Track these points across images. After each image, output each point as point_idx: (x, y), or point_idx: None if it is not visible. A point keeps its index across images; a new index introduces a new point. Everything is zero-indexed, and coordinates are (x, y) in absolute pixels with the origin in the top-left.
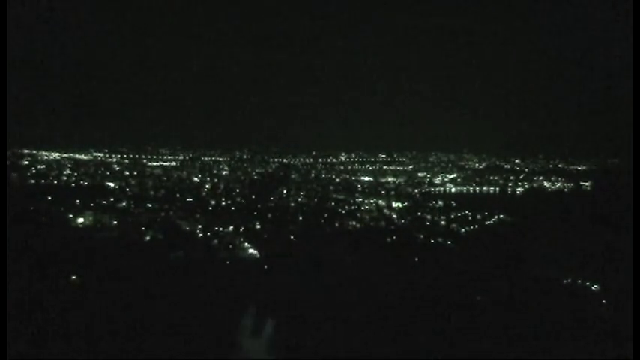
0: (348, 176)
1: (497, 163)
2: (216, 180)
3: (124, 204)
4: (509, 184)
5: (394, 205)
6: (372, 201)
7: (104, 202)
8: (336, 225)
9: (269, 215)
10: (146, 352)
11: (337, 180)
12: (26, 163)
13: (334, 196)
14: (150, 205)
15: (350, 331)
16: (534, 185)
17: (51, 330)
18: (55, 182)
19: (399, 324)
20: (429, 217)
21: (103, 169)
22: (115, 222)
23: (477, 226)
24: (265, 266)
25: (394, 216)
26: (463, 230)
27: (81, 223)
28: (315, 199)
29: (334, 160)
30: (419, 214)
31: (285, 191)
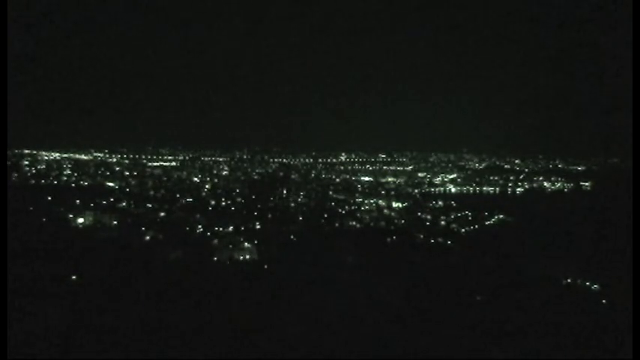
0: (348, 176)
1: (497, 163)
2: (216, 180)
3: (124, 204)
4: (509, 184)
5: (394, 205)
6: (372, 201)
7: (104, 202)
8: (336, 225)
9: (269, 215)
10: (146, 351)
11: (337, 180)
12: (26, 163)
13: (334, 196)
14: (150, 205)
15: (350, 330)
16: (534, 185)
17: (51, 330)
18: (55, 182)
19: (399, 324)
20: (429, 217)
21: (103, 169)
22: (115, 222)
23: (476, 226)
24: (265, 266)
25: (394, 216)
26: (463, 230)
27: (81, 223)
28: (315, 199)
29: (334, 160)
30: (419, 214)
31: (285, 191)
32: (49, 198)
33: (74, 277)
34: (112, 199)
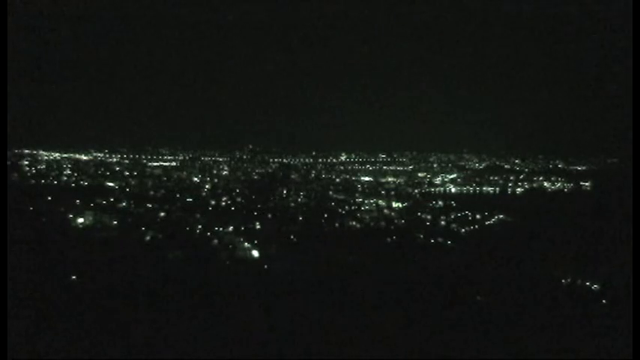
0: (348, 176)
1: (497, 163)
2: (216, 180)
3: (124, 204)
4: (509, 184)
5: (394, 205)
6: (372, 201)
7: (104, 202)
8: (336, 225)
9: (269, 215)
10: (146, 351)
11: (337, 180)
12: (26, 163)
13: (334, 196)
14: (150, 205)
15: (350, 330)
16: (534, 185)
17: (51, 330)
18: (55, 182)
19: (399, 324)
20: (429, 217)
21: (103, 169)
22: (115, 222)
23: (476, 226)
24: (265, 266)
25: (394, 216)
26: (463, 230)
27: (81, 223)
28: (316, 199)
29: (334, 160)
30: (419, 214)
31: (285, 191)
32: (49, 198)
33: (74, 277)
34: (112, 199)
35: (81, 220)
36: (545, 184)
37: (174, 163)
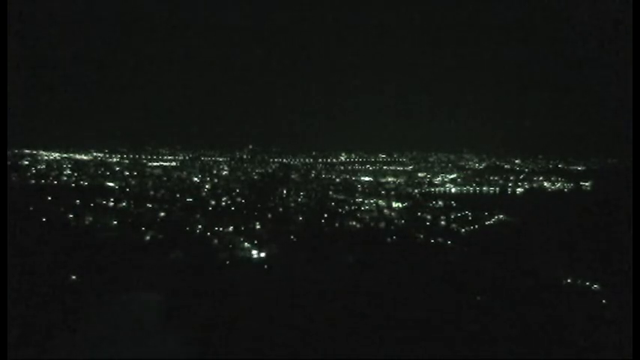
0: (348, 176)
1: (497, 163)
2: (216, 180)
3: (124, 204)
4: (509, 184)
5: (394, 205)
6: (372, 201)
7: (104, 202)
8: (337, 225)
9: (269, 215)
10: (146, 352)
11: (337, 180)
12: (26, 163)
13: (334, 196)
14: (150, 205)
15: (350, 331)
16: (534, 185)
17: (51, 330)
18: (55, 182)
19: (400, 324)
20: (429, 217)
21: (103, 169)
22: (115, 222)
23: (476, 226)
24: (265, 266)
25: (394, 216)
26: (463, 230)
27: (81, 223)
28: (316, 199)
29: (334, 160)
30: (419, 214)
31: (285, 191)
32: (49, 198)
33: (74, 277)
34: (112, 199)
35: (81, 220)
36: (545, 184)
37: (174, 163)
